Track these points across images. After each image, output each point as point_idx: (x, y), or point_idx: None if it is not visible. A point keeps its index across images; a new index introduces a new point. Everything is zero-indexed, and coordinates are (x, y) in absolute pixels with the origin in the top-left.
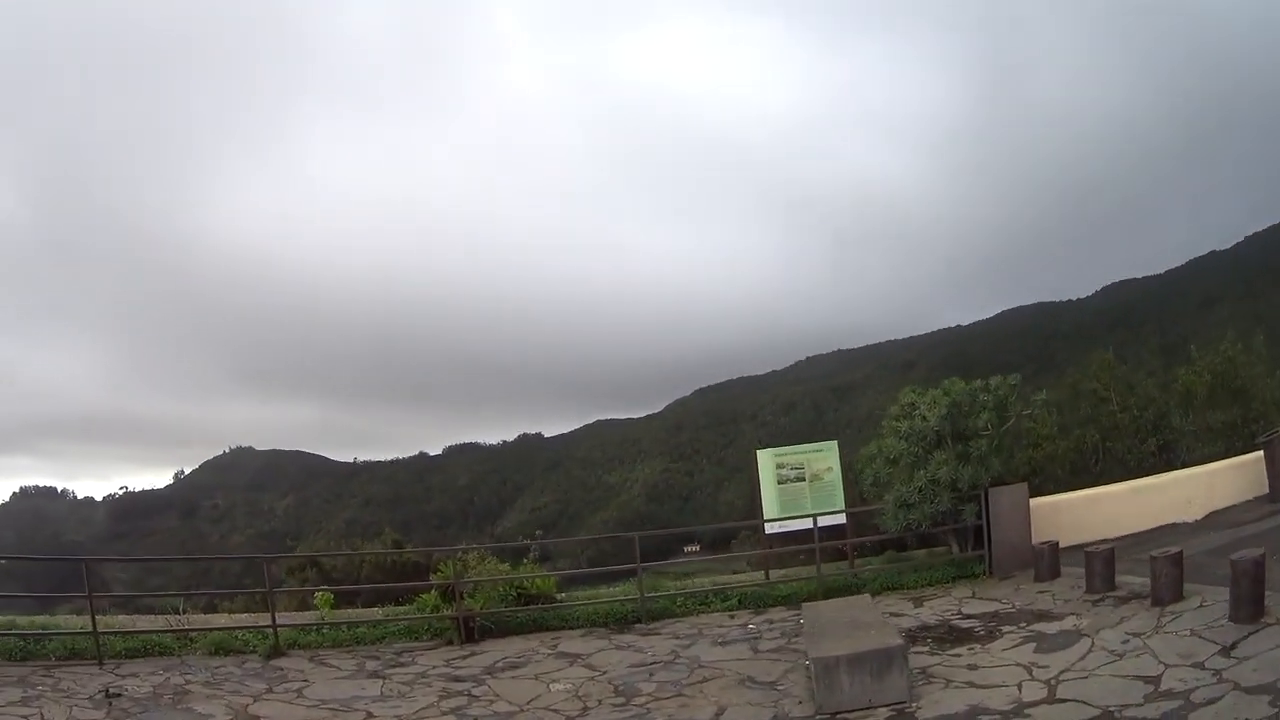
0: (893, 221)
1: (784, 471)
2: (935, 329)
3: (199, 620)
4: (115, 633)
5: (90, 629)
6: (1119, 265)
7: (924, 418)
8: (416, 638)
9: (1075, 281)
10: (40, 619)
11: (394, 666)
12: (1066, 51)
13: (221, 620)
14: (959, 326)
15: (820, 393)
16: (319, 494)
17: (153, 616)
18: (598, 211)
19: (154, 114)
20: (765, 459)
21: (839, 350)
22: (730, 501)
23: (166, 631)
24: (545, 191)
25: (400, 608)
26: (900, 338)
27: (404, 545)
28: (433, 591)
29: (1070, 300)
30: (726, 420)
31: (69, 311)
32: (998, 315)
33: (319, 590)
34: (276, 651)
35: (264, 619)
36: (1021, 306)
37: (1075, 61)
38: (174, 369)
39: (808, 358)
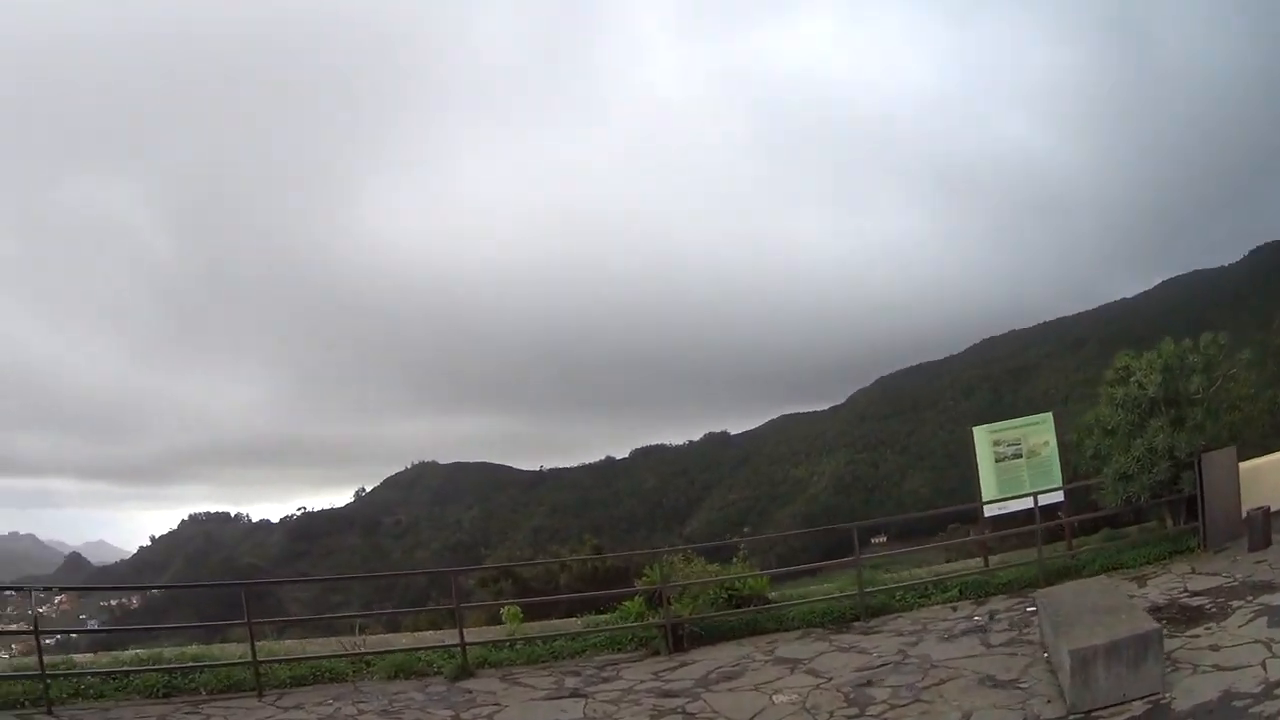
0: (1043, 194)
1: (1001, 449)
2: (1100, 303)
3: (377, 641)
4: (279, 660)
5: (250, 657)
6: (1265, 227)
7: (1140, 384)
8: (620, 649)
9: (1226, 246)
10: (193, 649)
11: (597, 683)
12: (1192, 9)
13: (403, 640)
14: (1124, 299)
15: (999, 375)
16: (504, 504)
17: (324, 640)
18: (756, 205)
19: (301, 140)
20: (982, 436)
21: (1013, 331)
22: (915, 490)
23: (339, 656)
24: (700, 189)
25: (601, 617)
26: (1069, 314)
27: (603, 550)
28: (637, 598)
29: (1223, 266)
30: (907, 409)
31: (234, 340)
32: (1158, 285)
33: (507, 604)
34: (465, 672)
35: (450, 636)
36: (1178, 276)
37: (1202, 18)
38: (348, 390)
39: (983, 340)
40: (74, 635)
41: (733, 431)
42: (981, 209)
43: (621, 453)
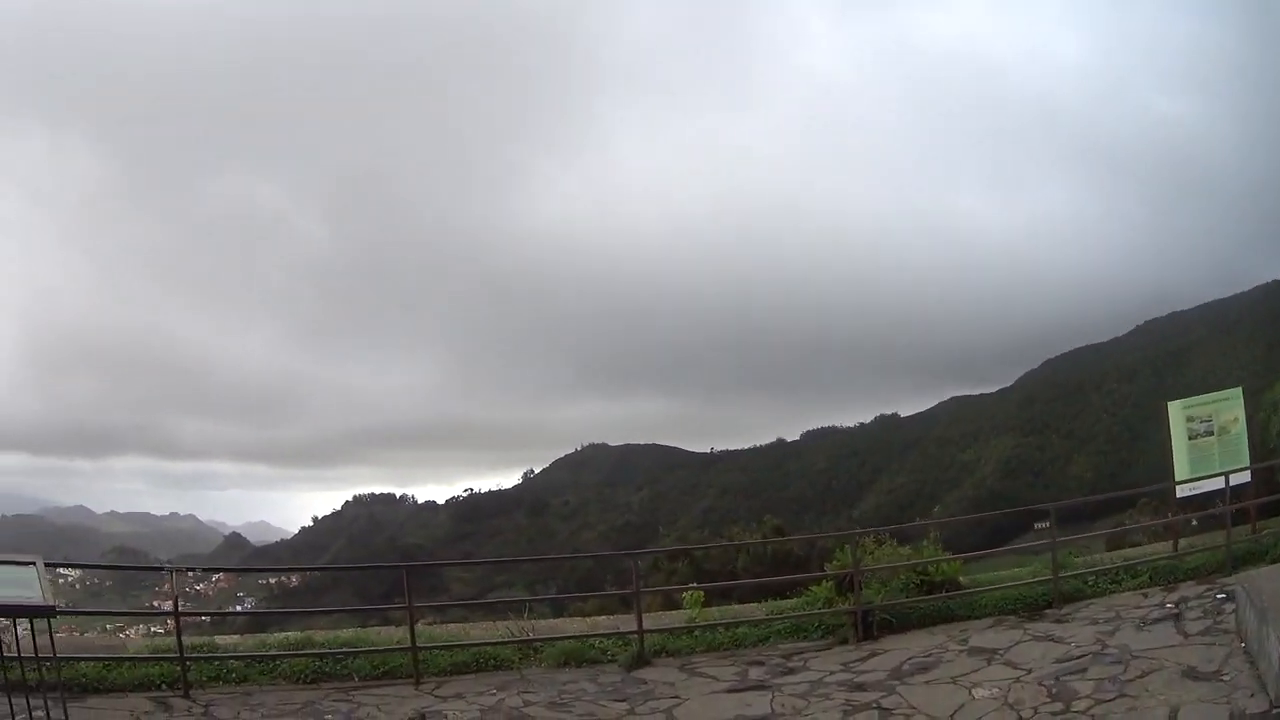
0: (1195, 172)
1: (1194, 425)
2: (1255, 284)
3: (546, 627)
4: (440, 646)
5: (408, 643)
6: None
7: None
8: (805, 636)
9: None
10: (348, 633)
11: (782, 674)
12: None
13: (574, 626)
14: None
15: (1160, 358)
16: (675, 486)
17: (489, 624)
18: (916, 183)
19: (459, 126)
20: (1176, 412)
21: (1174, 312)
22: (1079, 475)
23: (505, 642)
24: (860, 169)
25: (785, 602)
26: (1225, 295)
27: (784, 532)
28: (824, 583)
29: None
30: (1072, 391)
31: (395, 325)
32: None
33: (688, 589)
34: (640, 661)
35: (624, 622)
36: None
37: None
38: (515, 374)
39: (1146, 321)
40: (234, 616)
41: (903, 414)
42: (1136, 188)
43: (793, 434)
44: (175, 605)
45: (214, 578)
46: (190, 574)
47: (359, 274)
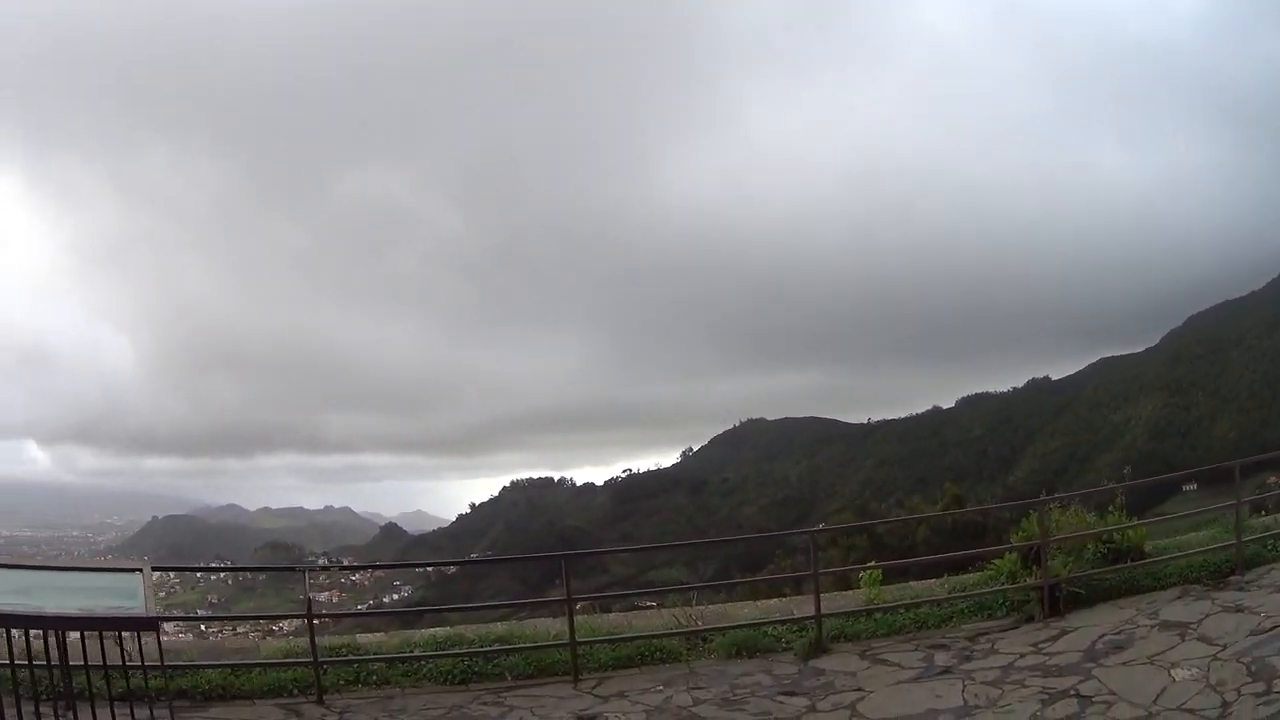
0: None
1: None
2: None
3: (715, 614)
4: (601, 640)
5: (566, 637)
6: None
7: None
8: (990, 615)
9: None
10: (501, 628)
11: (970, 659)
12: None
13: (743, 611)
14: None
15: None
16: (832, 458)
17: (652, 612)
18: (1044, 141)
19: (589, 110)
20: None
21: None
22: (1223, 435)
23: (671, 634)
24: (987, 128)
25: (966, 578)
26: None
27: (963, 502)
28: (1008, 555)
29: None
30: (1215, 348)
31: (541, 310)
32: None
33: (866, 567)
34: (818, 648)
35: (799, 605)
36: None
37: None
38: (666, 352)
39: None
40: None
41: (1054, 377)
42: (1266, 137)
43: (947, 401)
44: (307, 606)
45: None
46: (327, 568)
47: (498, 261)
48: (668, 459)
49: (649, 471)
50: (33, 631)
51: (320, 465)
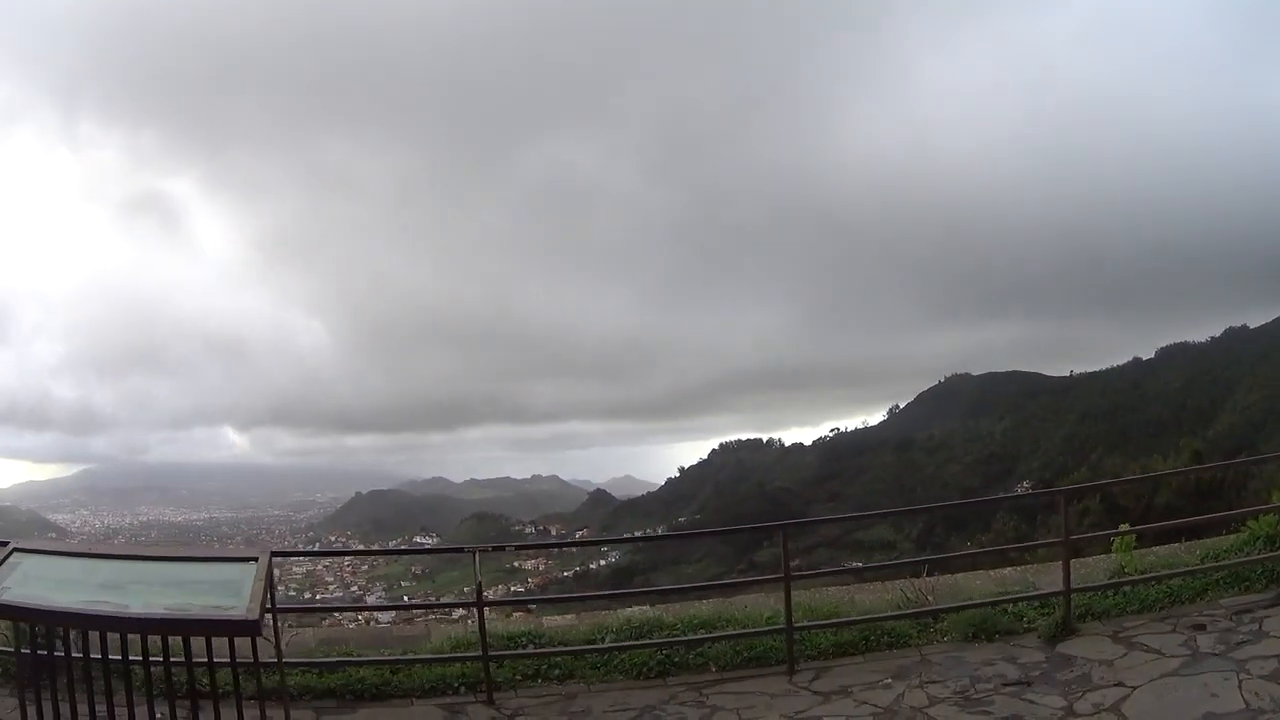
0: None
1: None
2: None
3: (945, 588)
4: (820, 625)
5: (781, 620)
6: None
7: None
8: (1248, 587)
9: None
10: (705, 607)
11: (1238, 644)
12: None
13: (976, 583)
14: None
15: None
16: (1034, 413)
17: (873, 586)
18: (1228, 82)
19: (770, 70)
20: None
21: None
22: None
23: (899, 616)
24: (1163, 65)
25: (1212, 542)
26: None
27: (1203, 458)
28: (1263, 517)
29: None
30: None
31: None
32: None
33: (1119, 533)
34: (1064, 628)
35: (1041, 576)
36: None
37: None
38: (867, 309)
39: None
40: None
41: (1252, 325)
42: None
43: (1147, 352)
44: (477, 593)
45: (577, 533)
46: (504, 549)
47: (692, 226)
48: (875, 417)
49: (856, 430)
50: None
51: (526, 435)
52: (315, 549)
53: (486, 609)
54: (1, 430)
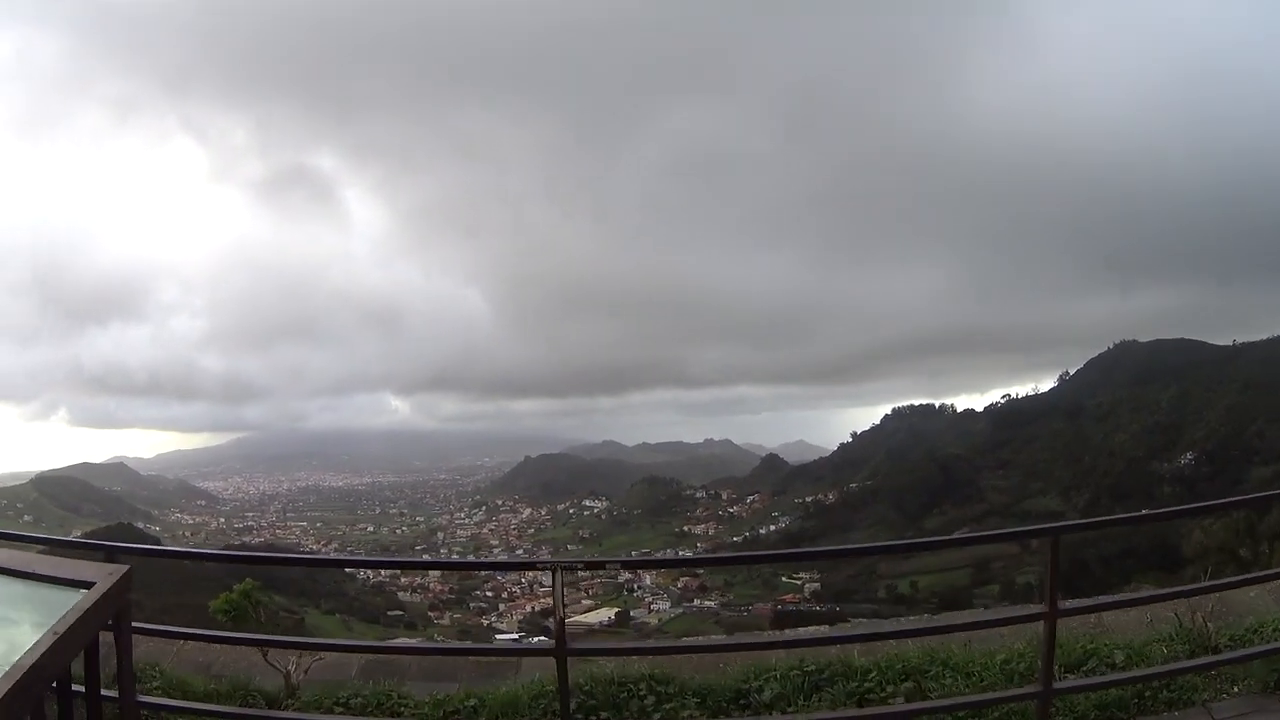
0: None
1: None
2: None
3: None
4: (1088, 685)
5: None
6: None
7: None
8: None
9: None
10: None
11: None
12: None
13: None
14: None
15: None
16: (1198, 382)
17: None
18: None
19: (901, 31)
20: None
21: None
22: None
23: (1189, 668)
24: None
25: None
26: None
27: None
28: None
29: None
30: None
31: (900, 234)
32: None
33: None
34: None
35: None
36: None
37: None
38: (1029, 273)
39: None
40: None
41: None
42: None
43: None
44: (558, 632)
45: (749, 498)
46: (576, 568)
47: (836, 189)
48: (1045, 383)
49: (1027, 397)
50: None
51: (696, 399)
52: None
53: (572, 656)
54: (146, 402)
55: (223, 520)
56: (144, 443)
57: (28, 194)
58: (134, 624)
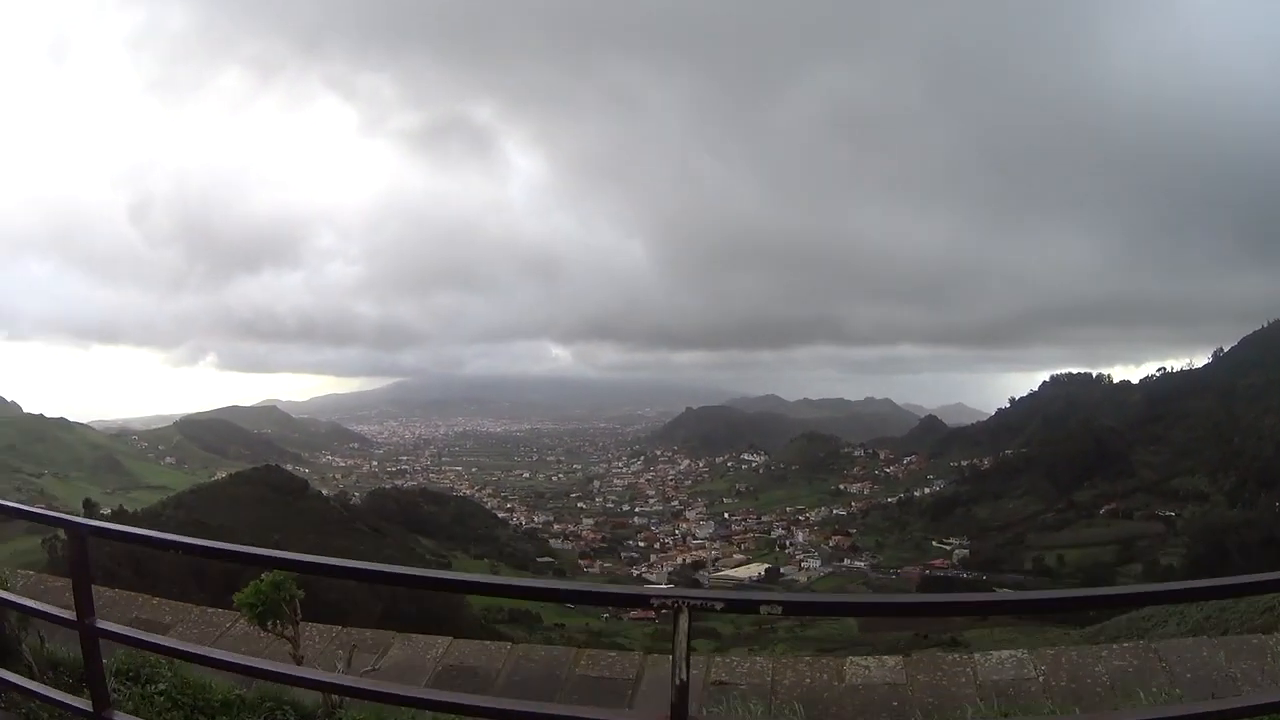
0: None
1: None
2: None
3: None
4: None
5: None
6: None
7: None
8: None
9: None
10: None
11: None
12: None
13: None
14: None
15: None
16: None
17: None
18: None
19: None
20: None
21: None
22: None
23: None
24: None
25: None
26: None
27: None
28: None
29: None
30: None
31: (1065, 199)
32: None
33: None
34: None
35: None
36: None
37: None
38: (1185, 245)
39: None
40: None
41: None
42: None
43: None
44: (679, 664)
45: (906, 459)
46: (711, 609)
47: (983, 153)
48: (1199, 359)
49: (1181, 371)
50: None
51: (856, 357)
52: None
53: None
54: (299, 346)
55: (375, 464)
56: (296, 386)
57: (170, 151)
58: (120, 632)
